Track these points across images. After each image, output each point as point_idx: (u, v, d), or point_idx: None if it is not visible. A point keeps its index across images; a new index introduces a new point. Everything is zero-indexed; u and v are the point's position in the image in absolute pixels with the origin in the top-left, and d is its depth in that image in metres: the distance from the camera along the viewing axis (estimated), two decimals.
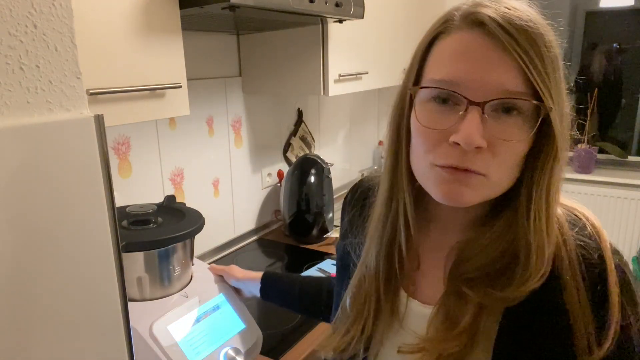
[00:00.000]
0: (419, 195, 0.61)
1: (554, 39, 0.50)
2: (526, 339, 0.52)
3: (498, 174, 0.51)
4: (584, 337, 0.50)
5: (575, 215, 0.56)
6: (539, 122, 0.49)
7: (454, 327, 0.53)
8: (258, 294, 1.01)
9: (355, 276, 0.65)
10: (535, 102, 0.48)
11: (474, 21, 0.49)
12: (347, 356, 0.64)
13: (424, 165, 0.54)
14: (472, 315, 0.53)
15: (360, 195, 0.74)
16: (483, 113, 0.48)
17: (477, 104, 0.48)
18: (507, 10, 0.48)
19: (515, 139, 0.49)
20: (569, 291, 0.51)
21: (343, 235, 0.74)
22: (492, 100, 0.48)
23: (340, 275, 0.72)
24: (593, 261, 0.52)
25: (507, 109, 0.49)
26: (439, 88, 0.50)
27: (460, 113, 0.49)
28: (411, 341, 0.56)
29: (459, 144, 0.48)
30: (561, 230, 0.54)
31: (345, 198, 0.78)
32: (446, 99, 0.51)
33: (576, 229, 0.54)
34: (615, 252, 0.54)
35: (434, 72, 0.52)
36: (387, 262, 0.62)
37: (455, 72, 0.49)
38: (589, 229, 0.54)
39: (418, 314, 0.60)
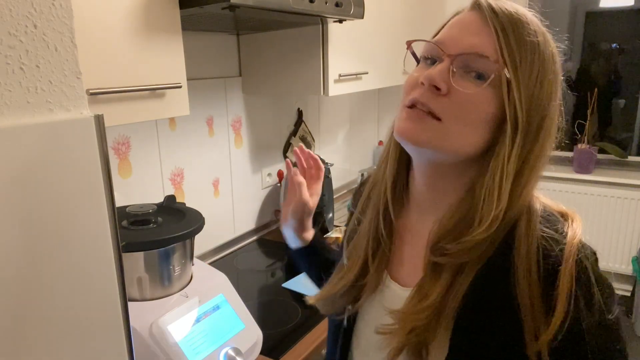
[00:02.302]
0: (405, 175, 0.68)
1: (543, 34, 0.57)
2: (481, 324, 0.56)
3: (452, 124, 0.56)
4: (531, 326, 0.52)
5: (560, 214, 0.59)
6: (488, 80, 0.54)
7: (424, 301, 0.58)
8: (295, 244, 0.94)
9: (354, 235, 0.71)
10: (485, 59, 0.54)
11: (474, 5, 0.59)
12: (338, 309, 0.70)
13: (399, 110, 0.60)
14: (440, 293, 0.57)
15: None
16: (452, 65, 0.55)
17: (449, 55, 0.56)
18: (504, 2, 0.57)
19: (477, 94, 0.55)
20: (521, 282, 0.53)
21: (353, 222, 0.75)
22: (461, 54, 0.56)
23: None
24: (552, 253, 0.53)
25: (478, 75, 0.55)
26: (424, 41, 0.60)
27: (436, 64, 0.58)
28: (388, 321, 0.61)
29: (423, 84, 0.56)
30: (529, 222, 0.56)
31: (355, 194, 0.82)
32: (434, 60, 0.59)
33: (547, 224, 0.56)
34: (583, 248, 0.55)
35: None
36: (376, 227, 0.67)
37: (444, 35, 0.59)
38: (563, 226, 0.56)
39: (397, 296, 0.65)
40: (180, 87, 0.96)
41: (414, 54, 0.64)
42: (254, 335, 1.03)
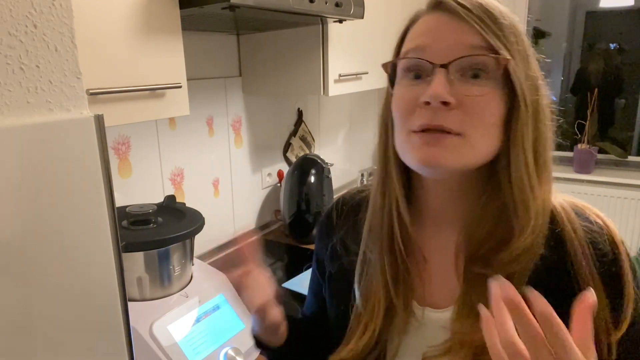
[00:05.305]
0: (412, 190, 0.63)
1: (510, 14, 0.54)
2: None
3: (474, 134, 0.52)
4: (601, 321, 0.52)
5: (579, 207, 0.59)
6: (502, 73, 0.52)
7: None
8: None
9: (363, 277, 0.64)
10: (492, 55, 0.51)
11: (435, 4, 0.56)
12: (372, 358, 0.61)
13: (402, 137, 0.56)
14: None
15: (349, 211, 0.71)
16: (449, 74, 0.52)
17: (441, 65, 0.52)
18: None
19: (485, 95, 0.52)
20: (584, 277, 0.53)
21: (338, 255, 0.70)
22: (455, 59, 0.51)
23: (338, 298, 0.69)
24: (603, 247, 0.54)
25: (475, 74, 0.52)
26: (406, 58, 0.56)
27: (429, 78, 0.53)
28: (434, 345, 0.56)
29: (429, 104, 0.51)
30: (569, 218, 0.56)
31: (329, 218, 0.74)
32: (418, 74, 0.55)
33: (581, 218, 0.57)
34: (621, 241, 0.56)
35: (404, 51, 0.58)
36: (391, 257, 0.61)
37: (419, 43, 0.55)
38: (593, 218, 0.57)
39: (433, 320, 0.59)
40: (180, 87, 0.96)
41: (392, 74, 0.59)
42: None
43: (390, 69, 0.60)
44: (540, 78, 0.56)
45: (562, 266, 0.54)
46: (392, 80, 0.60)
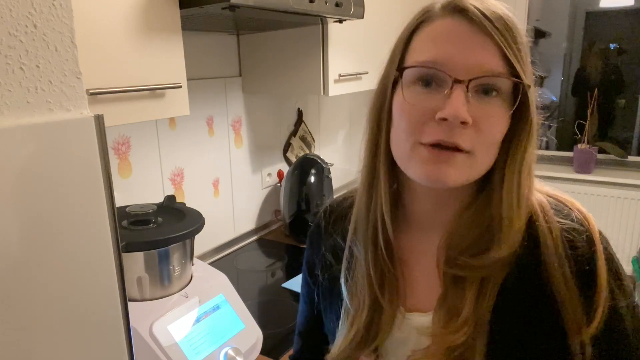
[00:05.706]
0: (400, 193, 0.62)
1: (523, 31, 0.54)
2: (518, 324, 0.54)
3: (481, 152, 0.53)
4: (573, 320, 0.52)
5: (560, 202, 0.58)
6: (519, 98, 0.52)
7: (456, 318, 0.54)
8: None
9: (350, 272, 0.64)
10: (515, 79, 0.51)
11: (456, 8, 0.52)
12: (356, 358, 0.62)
13: (407, 146, 0.54)
14: (471, 305, 0.54)
15: (337, 218, 0.70)
16: (467, 91, 0.50)
17: (462, 81, 0.50)
18: (484, 1, 0.52)
19: (498, 116, 0.52)
20: (556, 278, 0.53)
21: (330, 264, 0.69)
22: (476, 78, 0.50)
23: (331, 306, 0.69)
24: (580, 245, 0.54)
25: (486, 90, 0.51)
26: (426, 67, 0.53)
27: (446, 92, 0.51)
28: (418, 349, 0.57)
29: (445, 120, 0.50)
30: (546, 217, 0.55)
31: (318, 227, 0.73)
32: (429, 81, 0.53)
33: (561, 215, 0.56)
34: (601, 234, 0.56)
35: (417, 55, 0.54)
36: (375, 256, 0.61)
37: (439, 53, 0.52)
38: (575, 214, 0.56)
39: (419, 324, 0.60)
40: (180, 87, 0.96)
41: (397, 77, 0.57)
42: (254, 335, 1.03)
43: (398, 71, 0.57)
44: (536, 94, 0.56)
45: (535, 267, 0.54)
46: (395, 82, 0.58)
